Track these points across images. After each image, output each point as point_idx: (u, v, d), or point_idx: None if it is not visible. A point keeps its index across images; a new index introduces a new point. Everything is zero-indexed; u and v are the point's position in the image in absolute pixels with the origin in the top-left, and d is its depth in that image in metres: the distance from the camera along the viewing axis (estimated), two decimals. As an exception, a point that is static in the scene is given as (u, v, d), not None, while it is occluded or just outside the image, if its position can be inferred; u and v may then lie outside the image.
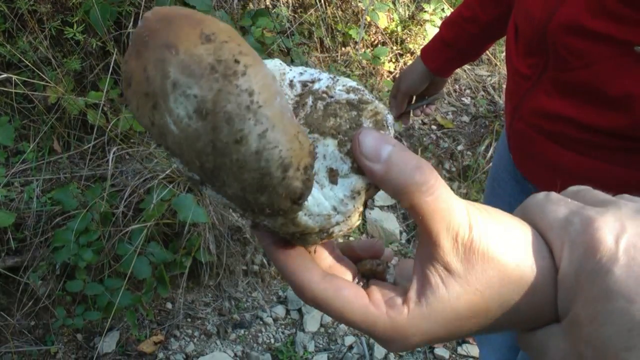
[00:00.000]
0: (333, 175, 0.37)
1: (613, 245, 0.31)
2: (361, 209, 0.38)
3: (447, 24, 1.27)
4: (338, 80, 0.41)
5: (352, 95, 0.39)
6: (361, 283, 0.42)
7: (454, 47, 1.26)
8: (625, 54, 0.77)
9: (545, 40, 0.86)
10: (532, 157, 1.00)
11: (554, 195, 0.36)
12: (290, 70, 0.41)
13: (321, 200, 0.36)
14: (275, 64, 0.41)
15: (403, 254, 2.42)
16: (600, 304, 0.30)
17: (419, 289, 0.36)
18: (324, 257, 0.41)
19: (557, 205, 0.35)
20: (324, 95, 0.39)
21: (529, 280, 0.34)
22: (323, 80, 0.41)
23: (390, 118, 0.39)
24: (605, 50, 0.79)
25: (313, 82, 0.41)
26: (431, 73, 1.31)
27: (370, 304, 0.36)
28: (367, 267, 0.44)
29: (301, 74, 0.41)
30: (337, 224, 0.37)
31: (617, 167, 0.86)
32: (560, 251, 0.33)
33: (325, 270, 0.39)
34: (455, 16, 1.25)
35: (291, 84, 0.41)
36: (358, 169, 0.36)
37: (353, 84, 0.40)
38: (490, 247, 0.34)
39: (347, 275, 0.41)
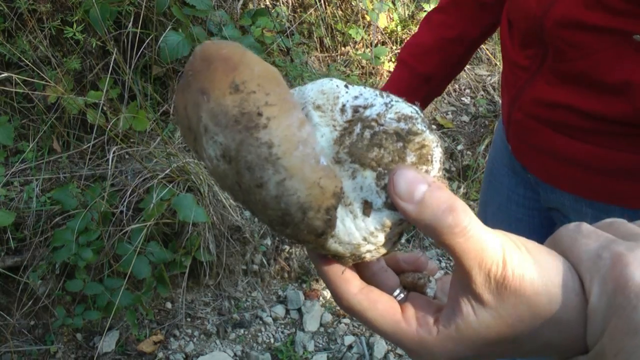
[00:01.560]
0: (367, 208, 0.37)
1: None
2: (396, 238, 0.39)
3: (418, 54, 1.13)
4: (393, 106, 0.39)
5: (402, 125, 0.38)
6: (402, 295, 0.43)
7: (435, 79, 1.15)
8: (623, 42, 0.77)
9: (542, 34, 0.86)
10: (532, 147, 1.00)
11: (585, 227, 0.36)
12: (347, 92, 0.40)
13: (352, 230, 0.38)
14: (331, 87, 0.40)
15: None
16: (626, 338, 0.31)
17: (450, 314, 0.37)
18: (367, 267, 0.43)
19: (588, 238, 0.35)
20: (373, 123, 0.38)
21: (561, 317, 0.34)
22: (376, 106, 0.39)
23: (437, 152, 0.38)
24: (603, 40, 0.79)
25: (365, 107, 0.39)
26: None
27: (402, 319, 0.38)
28: (409, 280, 0.45)
29: (356, 97, 0.40)
30: (368, 252, 0.39)
31: (618, 152, 0.87)
32: (590, 285, 0.34)
33: (364, 281, 0.41)
34: (430, 42, 1.13)
35: (342, 109, 0.39)
36: (391, 204, 0.37)
37: (407, 111, 0.38)
38: (523, 284, 0.34)
39: (387, 286, 0.43)
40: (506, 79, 1.04)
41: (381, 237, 0.38)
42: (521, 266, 0.34)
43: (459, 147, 2.77)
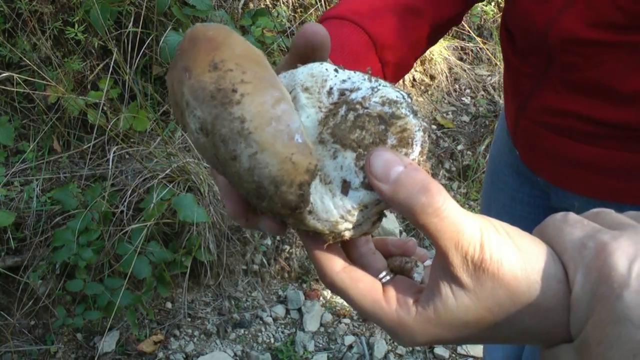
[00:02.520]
0: (345, 187, 0.39)
1: (625, 271, 0.31)
2: (375, 218, 0.41)
3: (364, 13, 0.74)
4: (379, 90, 0.40)
5: (385, 108, 0.39)
6: (387, 277, 0.44)
7: (391, 50, 0.76)
8: (634, 52, 0.76)
9: (547, 47, 0.84)
10: (542, 153, 0.99)
11: (571, 216, 0.37)
12: (336, 76, 0.41)
13: (330, 207, 0.39)
14: (321, 70, 0.41)
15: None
16: (609, 327, 0.31)
17: (429, 295, 0.37)
18: (356, 247, 0.44)
19: (574, 227, 0.35)
20: (358, 106, 0.39)
21: (541, 304, 0.34)
22: (362, 90, 0.40)
23: (418, 136, 0.39)
24: (613, 52, 0.77)
25: (352, 90, 0.40)
26: None
27: (383, 299, 0.39)
28: (396, 263, 0.46)
29: (343, 81, 0.41)
30: (347, 230, 0.40)
31: (630, 153, 0.85)
32: (574, 274, 0.34)
33: (352, 262, 0.42)
34: (380, 4, 0.77)
35: (329, 92, 0.41)
36: (368, 184, 0.38)
37: (393, 95, 0.39)
38: (501, 269, 0.34)
39: (374, 268, 0.44)
40: (511, 86, 1.02)
41: (359, 216, 0.39)
42: (499, 250, 0.34)
43: (459, 147, 2.77)
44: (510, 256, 0.34)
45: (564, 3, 0.79)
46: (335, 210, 0.39)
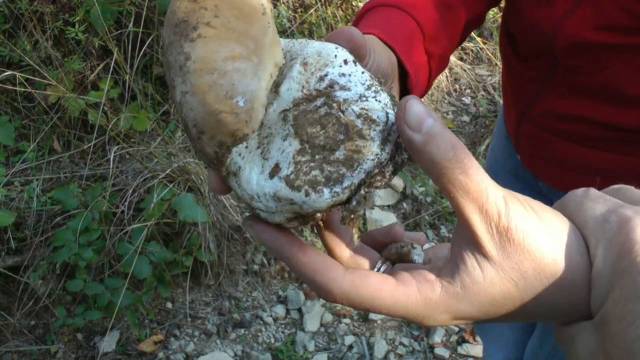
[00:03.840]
0: (274, 171, 0.37)
1: None
2: (289, 215, 0.38)
3: (409, 2, 0.72)
4: (366, 101, 0.37)
5: (357, 121, 0.36)
6: (384, 266, 0.42)
7: (436, 40, 0.74)
8: None
9: (553, 50, 0.83)
10: (545, 158, 0.98)
11: (593, 191, 0.36)
12: (340, 66, 0.39)
13: (252, 180, 0.38)
14: (329, 53, 0.39)
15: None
16: (631, 303, 0.30)
17: (453, 268, 0.36)
18: (342, 249, 0.42)
19: (596, 202, 0.35)
20: (335, 105, 0.37)
21: (565, 277, 0.34)
22: (351, 92, 0.38)
23: (368, 165, 0.36)
24: (619, 55, 0.77)
25: (342, 88, 0.38)
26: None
27: (399, 284, 0.37)
28: (392, 251, 0.43)
29: (342, 75, 0.38)
30: (260, 210, 0.38)
31: (637, 157, 0.84)
32: (596, 249, 0.33)
33: (345, 264, 0.40)
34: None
35: (321, 78, 0.39)
36: (292, 185, 0.36)
37: (374, 114, 0.37)
38: (527, 240, 0.33)
39: (367, 262, 0.42)
40: (512, 90, 1.01)
41: (272, 204, 0.37)
42: (524, 221, 0.34)
43: (460, 147, 2.77)
44: (535, 228, 0.34)
45: (569, 6, 0.78)
46: (255, 186, 0.38)
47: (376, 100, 0.38)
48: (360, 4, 2.92)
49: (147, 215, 1.90)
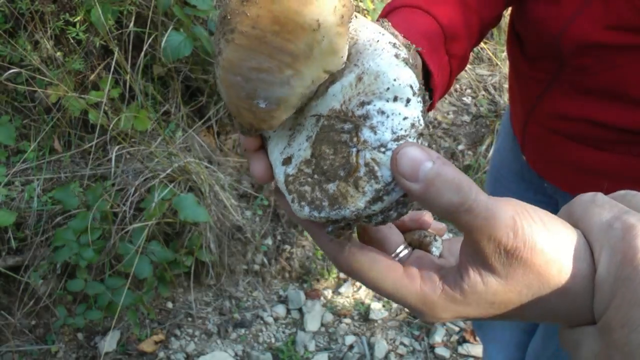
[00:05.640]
0: (286, 162, 0.40)
1: None
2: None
3: (432, 2, 0.72)
4: (383, 154, 0.36)
5: (361, 169, 0.36)
6: (405, 251, 0.43)
7: (458, 41, 0.75)
8: None
9: (560, 51, 0.82)
10: (552, 159, 0.97)
11: (599, 197, 0.36)
12: (387, 101, 0.36)
13: (273, 154, 0.41)
14: (386, 78, 0.37)
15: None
16: (633, 310, 0.30)
17: (457, 278, 0.37)
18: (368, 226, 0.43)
19: (602, 208, 0.35)
20: (354, 139, 0.36)
21: (569, 286, 0.34)
22: (374, 137, 0.36)
23: (344, 212, 0.36)
24: (627, 55, 0.76)
25: (371, 128, 0.36)
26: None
27: (405, 276, 0.38)
28: (415, 237, 0.45)
29: (381, 112, 0.36)
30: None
31: None
32: (599, 255, 0.33)
33: (367, 237, 0.42)
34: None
35: (362, 104, 0.37)
36: (287, 185, 0.40)
37: (382, 171, 0.36)
38: (534, 254, 0.34)
39: (391, 242, 0.43)
40: (517, 90, 1.00)
41: (282, 186, 0.40)
42: (533, 236, 0.34)
43: (460, 147, 2.77)
44: (542, 241, 0.34)
45: (578, 6, 0.77)
46: (273, 160, 0.41)
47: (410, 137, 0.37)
48: (361, 4, 2.91)
49: (148, 215, 1.90)
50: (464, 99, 3.03)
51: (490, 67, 3.17)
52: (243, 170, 2.41)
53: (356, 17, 0.39)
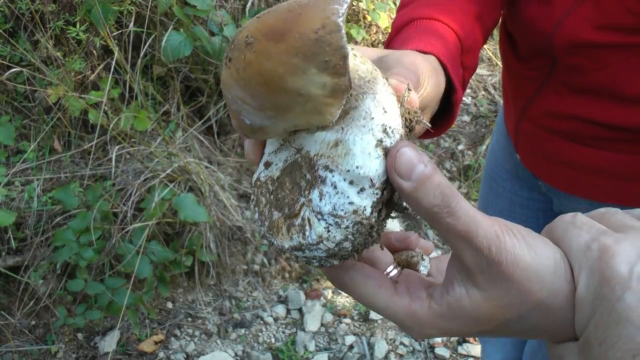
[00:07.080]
0: (267, 165, 0.43)
1: (626, 274, 0.32)
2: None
3: (441, 6, 0.72)
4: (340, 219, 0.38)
5: (297, 220, 0.39)
6: (395, 271, 0.45)
7: (466, 41, 0.74)
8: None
9: (552, 50, 0.83)
10: (545, 157, 0.98)
11: (579, 217, 0.38)
12: (340, 174, 0.38)
13: (265, 151, 0.44)
14: (357, 149, 0.38)
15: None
16: (610, 328, 0.32)
17: (443, 291, 0.39)
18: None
19: (580, 229, 0.37)
20: (307, 189, 0.39)
21: (550, 303, 0.36)
22: (315, 203, 0.38)
23: (277, 244, 0.40)
24: (619, 53, 0.77)
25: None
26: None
27: (395, 293, 0.40)
28: (403, 257, 0.47)
29: (332, 185, 0.38)
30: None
31: (635, 156, 0.85)
32: (579, 275, 0.35)
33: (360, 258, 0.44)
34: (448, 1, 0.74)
35: (324, 166, 0.39)
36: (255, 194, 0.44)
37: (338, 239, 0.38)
38: (516, 271, 0.35)
39: (382, 262, 0.46)
40: (512, 90, 1.01)
41: (252, 181, 0.44)
42: (515, 253, 0.35)
43: (460, 147, 2.77)
44: (524, 258, 0.35)
45: (569, 6, 0.78)
46: (264, 156, 0.44)
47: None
48: (361, 4, 2.91)
49: (148, 215, 1.90)
50: (464, 99, 3.03)
51: (490, 67, 3.17)
52: (243, 170, 2.41)
53: (375, 79, 0.40)
